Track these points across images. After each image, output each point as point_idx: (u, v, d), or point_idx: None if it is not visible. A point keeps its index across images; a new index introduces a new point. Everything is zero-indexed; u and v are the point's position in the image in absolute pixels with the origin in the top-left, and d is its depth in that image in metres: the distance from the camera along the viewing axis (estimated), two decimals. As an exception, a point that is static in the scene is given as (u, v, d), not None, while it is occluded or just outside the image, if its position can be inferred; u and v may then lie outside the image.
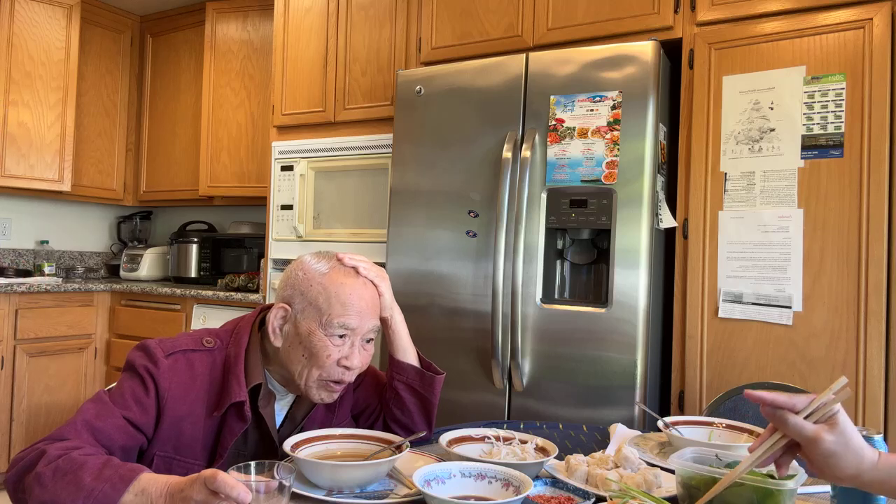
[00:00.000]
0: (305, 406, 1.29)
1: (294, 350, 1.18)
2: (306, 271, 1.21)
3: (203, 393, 1.17)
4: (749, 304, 2.02)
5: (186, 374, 1.16)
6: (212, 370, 1.19)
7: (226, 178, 3.74)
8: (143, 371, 1.13)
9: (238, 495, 0.82)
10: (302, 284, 1.20)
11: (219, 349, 1.21)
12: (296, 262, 1.25)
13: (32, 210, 4.06)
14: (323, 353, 1.16)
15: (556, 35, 2.41)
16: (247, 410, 1.16)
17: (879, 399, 1.84)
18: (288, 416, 1.28)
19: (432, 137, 2.41)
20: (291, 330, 1.19)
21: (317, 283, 1.19)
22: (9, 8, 3.47)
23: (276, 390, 1.25)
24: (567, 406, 2.10)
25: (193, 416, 1.15)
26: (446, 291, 2.33)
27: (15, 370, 3.26)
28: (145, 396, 1.12)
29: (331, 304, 1.17)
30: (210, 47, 3.80)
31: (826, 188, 1.93)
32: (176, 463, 1.14)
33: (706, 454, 1.01)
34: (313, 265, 1.22)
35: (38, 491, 0.95)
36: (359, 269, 1.22)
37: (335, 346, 1.17)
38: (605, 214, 2.08)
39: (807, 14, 2.00)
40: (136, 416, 1.10)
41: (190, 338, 1.21)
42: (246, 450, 1.22)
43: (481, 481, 1.04)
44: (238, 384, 1.16)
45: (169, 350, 1.16)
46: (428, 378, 1.34)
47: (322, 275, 1.20)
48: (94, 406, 1.09)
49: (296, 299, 1.19)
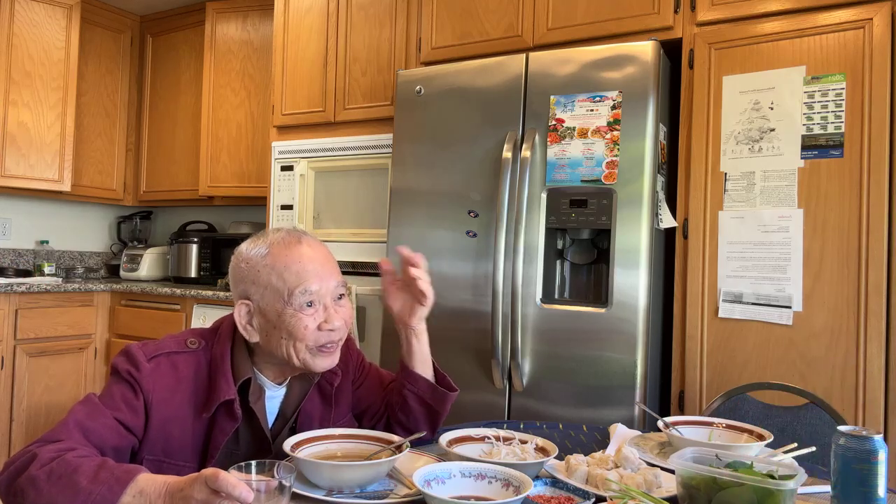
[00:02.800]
0: (295, 399, 1.26)
1: (273, 337, 1.17)
2: (248, 260, 1.19)
3: (190, 395, 1.16)
4: (749, 304, 2.02)
5: (171, 377, 1.15)
6: (197, 371, 1.18)
7: (226, 178, 3.74)
8: (127, 375, 1.12)
9: (240, 494, 0.82)
10: (250, 274, 1.18)
11: (203, 350, 1.20)
12: (234, 255, 1.23)
13: (32, 210, 4.05)
14: (300, 327, 1.14)
15: (556, 35, 2.41)
16: (236, 408, 1.15)
17: (879, 399, 1.84)
18: (280, 413, 1.26)
19: (432, 137, 2.41)
20: (261, 321, 1.17)
21: (262, 266, 1.17)
22: (9, 8, 3.47)
23: (265, 385, 1.23)
24: (567, 406, 2.10)
25: (181, 419, 1.14)
26: (446, 291, 2.33)
27: (15, 370, 3.26)
28: (134, 399, 1.11)
29: (285, 279, 1.15)
30: (210, 47, 3.80)
31: (826, 188, 1.93)
32: (166, 466, 1.13)
33: (706, 454, 1.01)
34: (252, 252, 1.19)
35: (33, 495, 0.94)
36: (417, 282, 1.25)
37: (309, 315, 1.15)
38: (605, 214, 2.08)
39: (807, 14, 2.00)
40: (126, 418, 1.09)
41: (174, 340, 1.20)
42: (238, 449, 1.20)
43: (481, 481, 1.04)
44: (226, 382, 1.15)
45: (151, 354, 1.15)
46: (440, 393, 1.31)
47: (264, 257, 1.17)
48: (84, 407, 1.08)
49: (251, 290, 1.17)
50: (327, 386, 1.29)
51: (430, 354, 1.35)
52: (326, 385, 1.29)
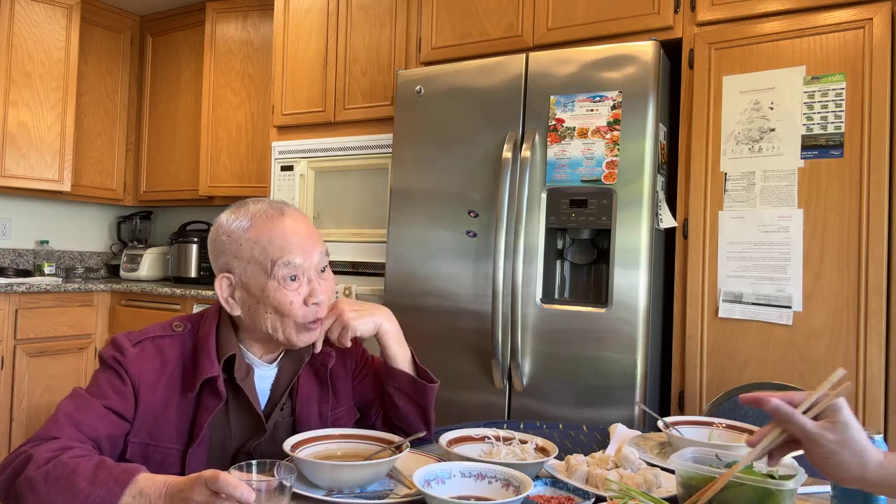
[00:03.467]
0: (286, 379, 1.25)
1: (256, 311, 1.15)
2: (230, 233, 1.17)
3: (177, 376, 1.15)
4: (749, 304, 2.02)
5: (156, 360, 1.14)
6: (182, 353, 1.17)
7: (226, 178, 3.74)
8: (113, 361, 1.12)
9: (241, 495, 0.81)
10: (231, 247, 1.16)
11: (189, 332, 1.20)
12: (214, 227, 1.21)
13: (32, 210, 4.05)
14: (285, 302, 1.13)
15: (556, 35, 2.41)
16: (220, 385, 1.14)
17: (879, 399, 1.84)
18: (272, 394, 1.24)
19: (432, 137, 2.41)
20: (244, 294, 1.16)
21: (245, 239, 1.15)
22: (9, 8, 3.47)
23: (253, 364, 1.22)
24: (567, 406, 2.10)
25: (167, 401, 1.14)
26: (446, 291, 2.33)
27: (15, 370, 3.26)
28: (122, 385, 1.11)
29: (267, 252, 1.13)
30: (210, 47, 3.80)
31: (826, 188, 1.94)
32: (151, 448, 1.12)
33: (706, 454, 1.01)
34: (234, 224, 1.17)
35: (31, 498, 0.93)
36: None
37: (293, 290, 1.14)
38: (605, 214, 2.08)
39: (807, 14, 2.00)
40: (116, 405, 1.09)
41: (160, 326, 1.20)
42: (231, 433, 1.19)
43: (481, 481, 1.04)
44: (209, 360, 1.14)
45: (136, 339, 1.15)
46: (420, 385, 1.30)
47: (246, 230, 1.16)
48: (72, 401, 1.08)
49: (233, 264, 1.16)
50: (321, 367, 1.28)
51: (405, 346, 1.33)
52: (320, 366, 1.28)
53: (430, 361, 1.40)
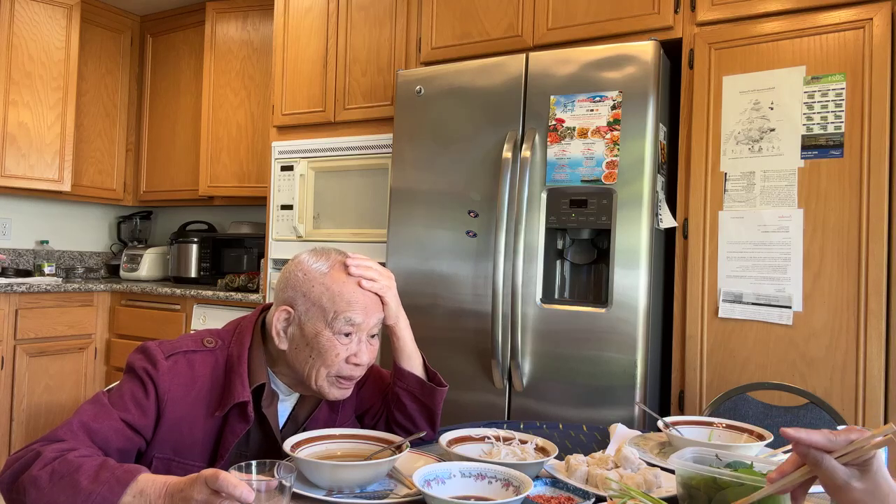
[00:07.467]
0: (309, 406, 1.28)
1: (301, 351, 1.17)
2: (306, 272, 1.19)
3: (205, 393, 1.16)
4: (749, 304, 2.02)
5: (187, 375, 1.15)
6: (213, 370, 1.18)
7: (226, 178, 3.74)
8: (143, 373, 1.12)
9: (241, 494, 0.82)
10: (303, 285, 1.18)
11: (220, 349, 1.21)
12: (293, 262, 1.23)
13: (32, 210, 4.06)
14: (331, 353, 1.15)
15: (556, 35, 2.41)
16: (250, 411, 1.15)
17: (879, 399, 1.84)
18: (291, 417, 1.27)
19: (432, 137, 2.41)
20: (296, 332, 1.18)
21: (318, 283, 1.17)
22: (9, 8, 3.47)
23: (279, 390, 1.24)
24: (567, 406, 2.10)
25: (193, 417, 1.15)
26: (446, 291, 2.33)
27: (15, 370, 3.26)
28: (144, 399, 1.11)
29: (335, 302, 1.16)
30: (210, 47, 3.80)
31: (826, 188, 1.94)
32: (175, 465, 1.13)
33: (706, 454, 1.01)
34: (313, 265, 1.20)
35: (34, 494, 0.94)
36: (361, 284, 1.19)
37: (343, 344, 1.16)
38: (605, 214, 2.08)
39: (807, 14, 2.00)
40: (134, 419, 1.09)
41: (191, 339, 1.21)
42: (248, 450, 1.21)
43: (481, 481, 1.04)
44: (242, 384, 1.16)
45: (169, 351, 1.16)
46: (428, 388, 1.32)
47: (323, 275, 1.18)
48: (91, 408, 1.08)
49: (298, 301, 1.18)
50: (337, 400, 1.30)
51: (417, 350, 1.35)
52: None
53: (430, 361, 1.40)
